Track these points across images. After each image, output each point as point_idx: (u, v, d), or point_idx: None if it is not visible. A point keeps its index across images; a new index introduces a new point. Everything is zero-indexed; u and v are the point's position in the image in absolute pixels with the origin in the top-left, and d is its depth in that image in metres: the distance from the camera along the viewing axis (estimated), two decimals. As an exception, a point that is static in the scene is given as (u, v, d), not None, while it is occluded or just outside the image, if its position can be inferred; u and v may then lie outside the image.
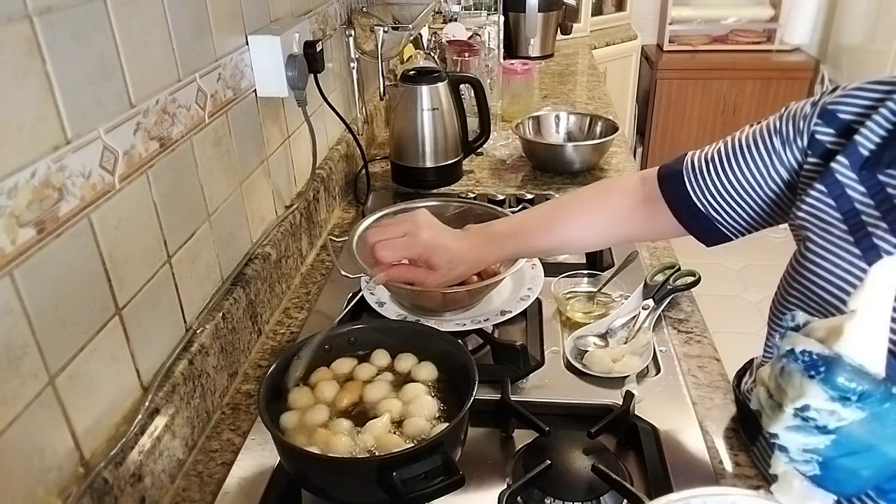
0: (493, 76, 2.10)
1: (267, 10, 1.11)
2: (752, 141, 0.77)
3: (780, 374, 0.53)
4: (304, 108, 1.18)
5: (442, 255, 0.90)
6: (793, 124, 0.73)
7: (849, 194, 0.66)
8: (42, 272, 0.61)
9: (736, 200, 0.78)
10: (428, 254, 0.90)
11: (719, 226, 0.81)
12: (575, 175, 1.62)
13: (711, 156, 0.81)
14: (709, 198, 0.80)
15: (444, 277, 0.92)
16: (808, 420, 0.51)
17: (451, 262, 0.91)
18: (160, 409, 0.77)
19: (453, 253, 0.91)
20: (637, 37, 3.48)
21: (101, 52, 0.69)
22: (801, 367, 0.51)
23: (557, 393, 0.93)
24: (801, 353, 0.51)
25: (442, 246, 0.90)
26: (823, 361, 0.50)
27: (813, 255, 0.68)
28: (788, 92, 3.51)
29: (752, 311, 2.98)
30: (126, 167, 0.73)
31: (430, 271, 0.91)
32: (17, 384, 0.59)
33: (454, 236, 0.93)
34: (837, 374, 0.49)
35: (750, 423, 0.84)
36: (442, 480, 0.69)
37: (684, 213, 0.83)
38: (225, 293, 0.96)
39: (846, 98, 0.69)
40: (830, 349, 0.50)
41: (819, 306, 0.69)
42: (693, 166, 0.82)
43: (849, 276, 0.66)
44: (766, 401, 0.55)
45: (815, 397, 0.50)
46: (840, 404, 0.50)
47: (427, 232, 0.90)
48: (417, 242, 0.90)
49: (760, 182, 0.76)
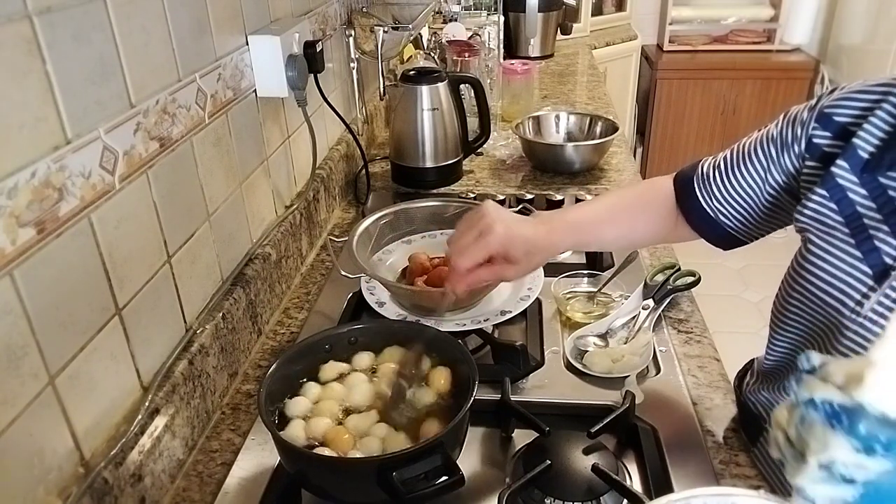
0: (493, 76, 2.10)
1: (267, 10, 1.11)
2: (753, 148, 0.78)
3: (800, 422, 0.51)
4: (304, 108, 1.18)
5: (519, 246, 0.84)
6: (791, 130, 0.74)
7: (850, 197, 0.66)
8: (42, 272, 0.61)
9: (740, 205, 0.80)
10: (505, 248, 0.84)
11: (728, 230, 0.83)
12: (575, 175, 1.62)
13: (718, 163, 0.83)
14: (715, 203, 0.82)
15: (525, 269, 0.88)
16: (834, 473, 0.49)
17: (529, 253, 0.86)
18: (160, 409, 0.77)
19: (531, 242, 0.86)
20: (637, 37, 3.48)
21: (101, 52, 0.69)
22: (822, 416, 0.49)
23: (557, 393, 0.93)
24: (822, 403, 0.49)
25: (519, 237, 0.85)
26: (845, 411, 0.48)
27: (814, 257, 0.68)
28: (788, 92, 3.51)
29: (752, 311, 2.98)
30: (126, 167, 0.73)
31: (508, 265, 0.86)
32: (17, 384, 0.59)
33: (529, 224, 0.88)
34: (861, 423, 0.47)
35: (750, 426, 0.84)
36: (442, 480, 0.69)
37: (696, 218, 0.85)
38: (225, 293, 0.96)
39: (842, 101, 0.69)
40: (852, 398, 0.48)
41: (820, 308, 0.69)
42: (703, 173, 0.84)
43: (850, 278, 0.66)
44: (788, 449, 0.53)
45: (840, 449, 0.48)
46: (865, 455, 0.48)
47: (501, 226, 0.84)
48: (492, 239, 0.83)
49: (760, 186, 0.78)
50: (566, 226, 0.90)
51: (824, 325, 0.69)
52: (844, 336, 0.66)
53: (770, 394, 0.79)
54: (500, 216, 0.85)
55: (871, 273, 0.64)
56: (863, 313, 0.65)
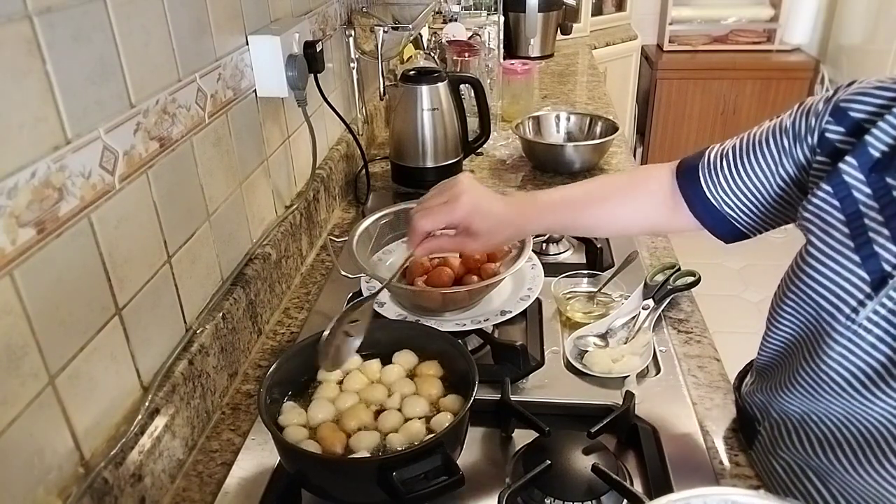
0: (493, 76, 2.10)
1: (267, 10, 1.11)
2: (765, 138, 0.76)
3: None
4: (304, 108, 1.18)
5: (484, 219, 0.84)
6: (805, 121, 0.71)
7: (854, 196, 0.64)
8: (42, 272, 0.61)
9: (748, 196, 0.78)
10: (469, 219, 0.83)
11: (733, 222, 0.80)
12: (575, 175, 1.62)
13: (726, 151, 0.80)
14: (721, 193, 0.79)
15: (487, 243, 0.87)
16: None
17: (493, 227, 0.85)
18: (160, 409, 0.77)
19: (497, 217, 0.85)
20: (637, 37, 3.48)
21: (101, 52, 0.69)
22: None
23: (557, 393, 0.93)
24: None
25: (486, 210, 0.84)
26: None
27: (812, 259, 0.67)
28: (788, 92, 3.51)
29: (752, 311, 2.98)
30: (126, 167, 0.73)
31: (469, 238, 0.85)
32: (17, 384, 0.59)
33: (498, 201, 0.87)
34: None
35: (747, 427, 0.84)
36: (442, 480, 0.69)
37: (699, 207, 0.82)
38: (225, 293, 0.96)
39: (859, 96, 0.67)
40: None
41: (814, 312, 0.68)
42: (709, 161, 0.81)
43: (847, 283, 0.64)
44: None
45: None
46: None
47: (468, 197, 0.83)
48: (457, 207, 0.83)
49: (770, 178, 0.75)
50: (540, 207, 0.89)
51: (816, 328, 0.68)
52: (836, 342, 0.65)
53: (764, 395, 0.78)
54: (472, 189, 0.85)
55: (868, 280, 0.63)
56: (857, 321, 0.64)
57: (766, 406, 0.78)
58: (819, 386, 0.68)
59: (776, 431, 0.77)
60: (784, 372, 0.74)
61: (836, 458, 0.70)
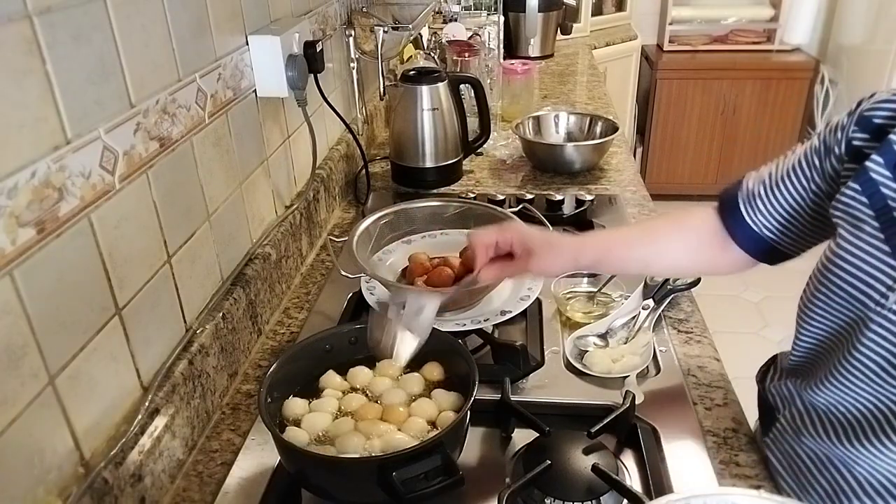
0: (493, 76, 2.10)
1: (267, 10, 1.11)
2: (798, 161, 0.78)
3: None
4: (304, 108, 1.18)
5: (537, 238, 0.91)
6: (833, 136, 0.74)
7: (882, 192, 0.66)
8: (42, 272, 0.61)
9: (788, 220, 0.80)
10: (523, 239, 0.90)
11: (778, 246, 0.82)
12: (575, 175, 1.62)
13: (763, 177, 0.82)
14: (760, 218, 0.81)
15: (545, 260, 0.90)
16: None
17: (548, 244, 0.91)
18: (160, 409, 0.77)
19: (551, 239, 0.94)
20: (637, 37, 3.48)
21: (101, 52, 0.69)
22: None
23: (557, 393, 0.93)
24: None
25: (538, 232, 0.93)
26: None
27: (843, 251, 0.69)
28: (788, 92, 3.50)
29: (752, 311, 2.97)
30: (126, 167, 0.73)
31: (528, 257, 0.89)
32: (17, 384, 0.59)
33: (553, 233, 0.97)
34: None
35: (767, 415, 0.84)
36: (442, 480, 0.69)
37: (741, 235, 0.84)
38: (225, 293, 0.96)
39: (881, 103, 0.70)
40: None
41: (846, 302, 0.69)
42: (748, 189, 0.83)
43: (877, 271, 0.66)
44: None
45: None
46: None
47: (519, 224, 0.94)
48: (512, 225, 0.93)
49: (805, 197, 0.78)
50: (592, 241, 0.96)
51: (850, 319, 0.69)
52: (870, 329, 0.66)
53: (795, 388, 0.79)
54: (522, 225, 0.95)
55: None
56: (888, 306, 0.65)
57: (792, 397, 0.79)
58: (853, 374, 0.69)
59: (798, 421, 0.77)
60: (819, 368, 0.74)
61: (861, 446, 0.70)
